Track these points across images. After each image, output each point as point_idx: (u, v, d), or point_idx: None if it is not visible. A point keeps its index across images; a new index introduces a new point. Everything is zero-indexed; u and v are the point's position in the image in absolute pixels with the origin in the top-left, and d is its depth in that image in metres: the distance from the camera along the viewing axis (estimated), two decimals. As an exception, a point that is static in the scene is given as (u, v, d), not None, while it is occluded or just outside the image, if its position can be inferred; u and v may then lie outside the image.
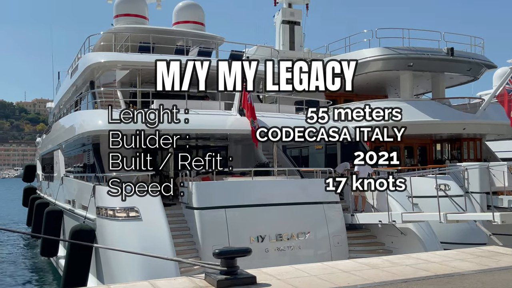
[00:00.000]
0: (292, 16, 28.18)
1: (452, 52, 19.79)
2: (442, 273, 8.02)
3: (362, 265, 8.75)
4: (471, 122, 18.96)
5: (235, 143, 18.96)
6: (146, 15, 21.60)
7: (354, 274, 7.96)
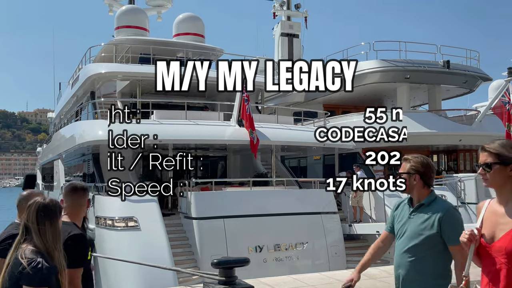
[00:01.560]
0: (291, 28, 28.47)
1: (448, 64, 20.02)
2: (438, 283, 8.09)
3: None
4: (467, 134, 19.12)
5: (234, 153, 19.09)
6: (146, 27, 21.86)
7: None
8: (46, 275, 2.50)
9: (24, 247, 2.60)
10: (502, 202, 2.45)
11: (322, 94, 22.38)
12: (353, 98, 22.50)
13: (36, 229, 2.60)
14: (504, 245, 2.36)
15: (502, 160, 2.42)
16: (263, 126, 14.66)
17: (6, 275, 2.60)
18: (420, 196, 3.26)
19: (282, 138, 15.14)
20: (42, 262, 2.51)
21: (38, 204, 2.64)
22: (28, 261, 2.50)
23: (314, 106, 21.98)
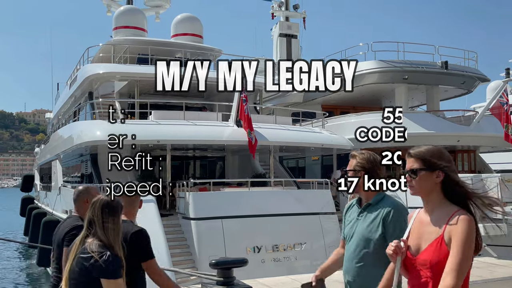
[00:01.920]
0: (289, 29, 28.49)
1: (446, 65, 20.04)
2: (436, 284, 8.09)
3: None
4: (465, 135, 19.15)
5: (232, 154, 19.09)
6: (145, 27, 21.85)
7: (349, 284, 8.03)
8: (117, 267, 2.71)
9: (90, 241, 2.77)
10: (428, 211, 2.32)
11: (320, 95, 22.39)
12: (351, 98, 22.52)
13: (101, 224, 2.77)
14: (428, 257, 2.21)
15: (428, 166, 2.30)
16: (261, 127, 14.66)
17: (74, 266, 2.75)
18: (368, 195, 3.04)
19: (281, 139, 15.14)
20: (112, 255, 2.70)
21: (103, 201, 2.84)
22: (99, 255, 2.67)
23: (312, 106, 21.99)
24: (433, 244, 2.21)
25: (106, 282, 2.68)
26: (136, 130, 13.68)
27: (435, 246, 2.20)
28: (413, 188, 2.35)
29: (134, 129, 13.67)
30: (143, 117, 15.38)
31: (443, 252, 2.16)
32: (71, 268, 2.76)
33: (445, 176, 2.27)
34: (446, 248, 2.16)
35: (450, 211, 2.22)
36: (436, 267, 2.18)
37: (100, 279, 2.68)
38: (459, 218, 2.16)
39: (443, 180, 2.27)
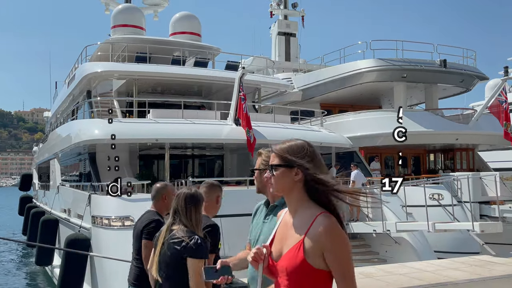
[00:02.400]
0: (288, 27, 28.48)
1: (445, 64, 20.04)
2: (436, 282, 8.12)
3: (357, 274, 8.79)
4: (463, 133, 19.16)
5: (231, 153, 19.07)
6: (143, 25, 21.80)
7: (348, 282, 8.02)
8: (205, 249, 3.08)
9: (177, 228, 3.16)
10: (292, 212, 2.13)
11: (319, 93, 22.40)
12: (350, 97, 22.52)
13: (184, 213, 3.17)
14: (285, 264, 2.01)
15: (286, 162, 2.10)
16: (260, 125, 14.64)
17: (166, 250, 3.11)
18: (273, 196, 2.79)
19: (279, 137, 15.08)
20: (200, 238, 3.07)
21: (186, 193, 3.25)
22: (189, 238, 3.04)
23: (311, 105, 21.98)
24: (291, 251, 2.01)
25: (191, 261, 3.02)
26: (134, 128, 13.67)
27: (293, 252, 2.00)
28: (272, 186, 2.15)
29: (133, 127, 13.67)
30: (141, 115, 15.35)
31: (299, 260, 1.97)
32: (162, 252, 3.13)
33: (304, 174, 2.07)
34: (303, 256, 1.97)
35: (313, 214, 2.02)
36: (293, 275, 1.99)
37: (187, 259, 3.02)
38: (324, 225, 1.97)
39: (306, 178, 2.08)
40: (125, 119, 15.52)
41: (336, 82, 21.34)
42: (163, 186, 4.22)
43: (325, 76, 21.91)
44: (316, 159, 2.13)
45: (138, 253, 4.04)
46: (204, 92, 19.68)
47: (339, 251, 2.00)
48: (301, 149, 2.13)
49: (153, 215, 4.04)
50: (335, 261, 1.99)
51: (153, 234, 3.64)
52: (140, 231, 3.96)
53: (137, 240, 4.04)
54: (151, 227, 3.85)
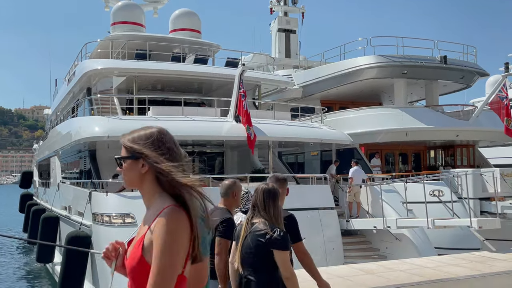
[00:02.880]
0: (288, 24, 28.41)
1: (445, 60, 19.99)
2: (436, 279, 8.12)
3: (357, 270, 8.84)
4: (464, 129, 19.14)
5: (231, 149, 19.06)
6: (143, 22, 21.76)
7: (349, 279, 8.04)
8: (287, 240, 3.25)
9: (258, 221, 3.34)
10: (146, 206, 1.96)
11: (319, 90, 22.37)
12: (350, 93, 22.49)
13: (263, 207, 3.34)
14: (128, 262, 1.87)
15: (131, 154, 1.93)
16: (260, 122, 14.63)
17: (249, 242, 3.28)
18: None
19: (280, 134, 15.12)
20: (282, 231, 3.25)
21: (263, 188, 3.44)
22: (272, 231, 3.21)
23: (311, 102, 21.95)
24: (134, 247, 1.86)
25: (279, 253, 3.21)
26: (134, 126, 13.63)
27: (134, 249, 1.85)
28: (123, 179, 2.00)
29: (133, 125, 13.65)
30: (141, 113, 15.34)
31: (138, 257, 1.81)
32: (245, 245, 3.33)
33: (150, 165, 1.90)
34: (141, 252, 1.80)
35: (160, 207, 1.84)
36: (132, 274, 1.84)
37: (273, 251, 3.20)
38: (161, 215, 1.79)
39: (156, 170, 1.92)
40: (125, 116, 15.50)
41: (337, 79, 21.31)
42: (233, 183, 4.37)
43: (325, 73, 21.87)
44: (164, 146, 1.93)
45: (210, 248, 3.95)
46: (204, 89, 19.66)
47: (158, 244, 1.76)
48: (148, 138, 1.95)
49: (225, 213, 4.17)
50: (153, 254, 1.77)
51: (226, 232, 3.91)
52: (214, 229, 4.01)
53: None
54: (225, 225, 3.99)
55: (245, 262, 3.34)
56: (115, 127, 13.36)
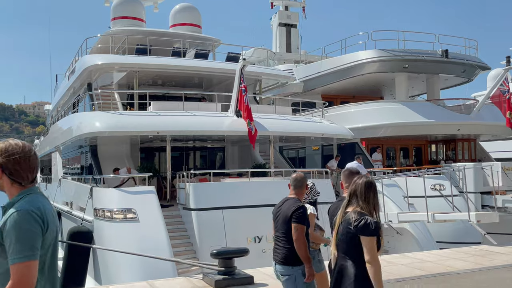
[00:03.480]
0: (289, 18, 28.33)
1: (446, 54, 19.93)
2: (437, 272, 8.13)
3: (358, 264, 8.84)
4: (465, 123, 19.11)
5: (232, 144, 19.05)
6: (143, 17, 21.70)
7: (350, 273, 8.04)
8: (376, 228, 3.48)
9: (351, 209, 3.61)
10: None
11: (320, 84, 22.33)
12: (351, 88, 22.45)
13: (363, 197, 3.60)
14: None
15: None
16: (261, 117, 14.60)
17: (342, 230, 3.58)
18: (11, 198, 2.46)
19: (281, 129, 15.09)
20: (371, 219, 3.50)
21: (364, 180, 3.68)
22: (360, 219, 3.49)
23: (312, 96, 21.92)
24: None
25: (364, 239, 3.46)
26: (135, 121, 13.65)
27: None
28: None
29: (134, 120, 13.64)
30: (142, 108, 15.32)
31: None
32: (339, 232, 3.63)
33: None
34: None
35: None
36: None
37: (360, 237, 3.47)
38: None
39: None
40: (126, 111, 15.49)
41: (338, 73, 21.26)
42: (304, 176, 4.86)
43: (326, 67, 21.82)
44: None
45: (286, 235, 4.53)
46: (204, 84, 19.62)
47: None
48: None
49: (297, 202, 4.62)
50: None
51: (302, 218, 4.45)
52: (290, 216, 4.47)
53: (285, 223, 4.54)
54: (300, 213, 4.45)
55: (339, 248, 3.66)
56: (116, 123, 13.36)
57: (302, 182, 4.79)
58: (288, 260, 4.53)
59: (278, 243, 4.65)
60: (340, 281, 3.62)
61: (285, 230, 4.52)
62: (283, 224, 4.55)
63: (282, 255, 4.56)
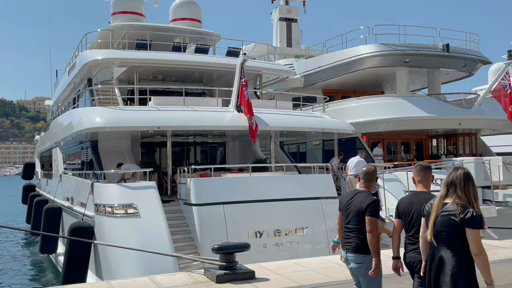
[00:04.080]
0: (289, 13, 28.23)
1: (447, 48, 19.86)
2: (438, 267, 8.11)
3: (359, 259, 8.84)
4: (466, 118, 19.07)
5: (233, 140, 19.04)
6: (143, 12, 21.63)
7: (351, 268, 8.05)
8: (481, 220, 3.55)
9: (451, 200, 3.67)
10: None
11: (321, 79, 22.27)
12: (352, 82, 22.40)
13: (462, 188, 3.67)
14: None
15: None
16: (261, 112, 14.57)
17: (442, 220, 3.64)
18: None
19: (281, 124, 15.07)
20: (476, 212, 3.57)
21: (463, 171, 3.78)
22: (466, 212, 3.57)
23: (313, 91, 21.87)
24: None
25: (471, 231, 3.53)
26: (136, 116, 13.62)
27: None
28: None
29: (134, 115, 13.61)
30: (142, 103, 15.29)
31: None
32: (437, 222, 3.68)
33: None
34: None
35: None
36: None
37: (466, 229, 3.54)
38: None
39: None
40: (126, 106, 15.46)
41: (338, 68, 21.21)
42: (375, 169, 5.07)
43: (327, 62, 21.76)
44: None
45: (359, 226, 4.76)
46: (205, 79, 19.58)
47: None
48: None
49: (370, 195, 4.84)
50: None
51: (376, 212, 4.66)
52: (364, 208, 4.70)
53: (358, 216, 4.77)
54: (373, 206, 4.67)
55: (438, 239, 3.70)
56: (117, 118, 13.33)
57: (372, 175, 5.00)
58: (360, 249, 4.78)
59: (350, 233, 4.89)
60: (440, 270, 3.68)
61: (358, 221, 4.77)
62: (356, 216, 4.79)
63: (355, 244, 4.81)
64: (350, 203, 4.92)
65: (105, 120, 13.15)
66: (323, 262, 8.51)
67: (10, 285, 15.97)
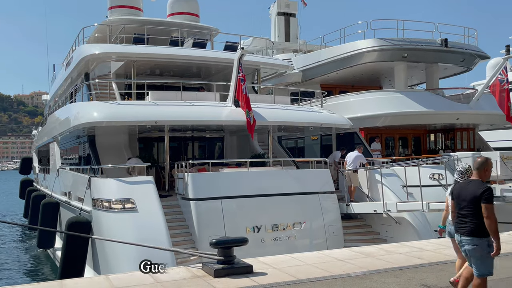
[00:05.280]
0: (288, 8, 28.16)
1: (446, 43, 19.84)
2: (436, 261, 8.16)
3: (357, 253, 8.87)
4: (464, 113, 19.07)
5: (231, 134, 19.01)
6: (140, 6, 21.52)
7: (349, 262, 8.07)
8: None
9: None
10: None
11: (319, 74, 22.23)
12: (350, 77, 22.36)
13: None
14: None
15: None
16: (259, 107, 14.54)
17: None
18: None
19: (279, 118, 15.05)
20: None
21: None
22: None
23: (311, 86, 21.84)
24: None
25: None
26: (133, 111, 13.57)
27: None
28: None
29: (131, 110, 13.56)
30: (140, 98, 15.23)
31: None
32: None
33: None
34: None
35: None
36: None
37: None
38: None
39: None
40: (124, 101, 15.40)
41: (337, 63, 21.17)
42: (485, 160, 5.50)
43: (325, 57, 21.72)
44: None
45: (473, 212, 5.24)
46: (203, 74, 19.52)
47: None
48: None
49: (483, 184, 5.30)
50: None
51: (491, 199, 5.11)
52: (479, 195, 5.17)
53: (472, 202, 5.24)
54: (488, 193, 5.12)
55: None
56: (114, 112, 13.27)
57: (482, 165, 5.45)
58: (475, 232, 5.25)
59: (464, 218, 5.37)
60: None
61: (473, 207, 5.24)
62: (471, 202, 5.26)
63: (470, 228, 5.29)
64: (464, 191, 5.39)
65: (103, 114, 13.10)
66: (321, 257, 8.52)
67: (8, 280, 15.96)
